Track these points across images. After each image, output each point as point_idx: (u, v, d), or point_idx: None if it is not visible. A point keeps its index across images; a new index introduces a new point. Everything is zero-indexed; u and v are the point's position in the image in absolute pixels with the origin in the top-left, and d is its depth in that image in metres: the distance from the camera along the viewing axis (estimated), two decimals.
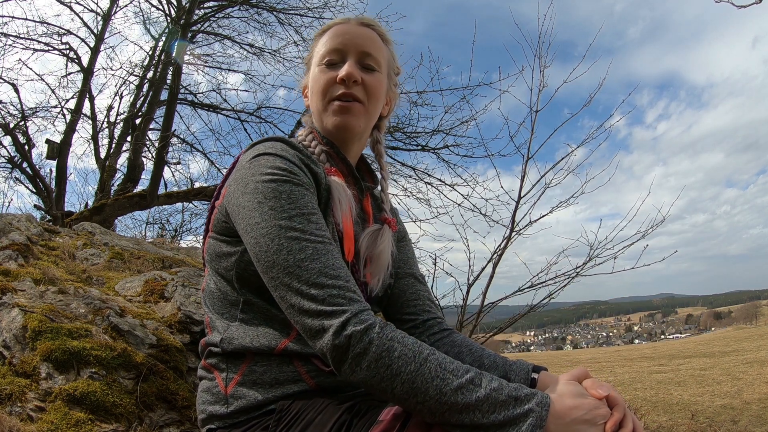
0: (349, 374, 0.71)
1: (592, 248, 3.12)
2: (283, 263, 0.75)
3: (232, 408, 0.84)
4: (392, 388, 0.69)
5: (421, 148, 5.11)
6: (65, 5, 5.98)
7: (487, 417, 0.66)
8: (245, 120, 6.37)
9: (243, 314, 0.89)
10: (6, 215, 2.77)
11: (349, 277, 0.77)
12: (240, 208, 0.82)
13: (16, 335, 1.32)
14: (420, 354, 0.70)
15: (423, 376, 0.68)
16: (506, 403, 0.67)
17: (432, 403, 0.67)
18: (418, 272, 1.15)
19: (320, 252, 0.77)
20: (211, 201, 0.97)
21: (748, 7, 2.03)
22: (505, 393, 0.68)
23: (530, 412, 0.66)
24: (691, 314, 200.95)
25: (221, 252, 0.90)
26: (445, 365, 0.70)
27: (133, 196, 5.56)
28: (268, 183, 0.80)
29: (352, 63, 0.96)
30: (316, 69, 0.99)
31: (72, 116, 6.03)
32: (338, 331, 0.70)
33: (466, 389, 0.68)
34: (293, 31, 6.25)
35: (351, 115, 0.96)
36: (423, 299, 1.10)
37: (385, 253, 1.01)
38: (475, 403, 0.67)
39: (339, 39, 0.98)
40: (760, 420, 5.56)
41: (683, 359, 13.53)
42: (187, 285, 1.98)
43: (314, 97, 0.99)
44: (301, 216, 0.79)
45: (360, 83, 0.96)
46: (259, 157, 0.85)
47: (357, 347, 0.69)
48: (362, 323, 0.71)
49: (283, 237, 0.76)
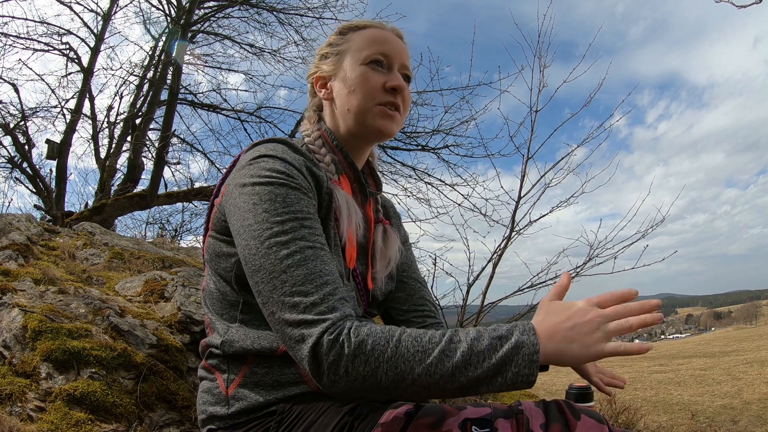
0: (330, 386, 0.69)
1: (592, 248, 3.12)
2: (269, 268, 0.73)
3: (233, 409, 0.84)
4: (378, 382, 0.67)
5: (421, 148, 5.11)
6: (65, 5, 5.99)
7: (480, 367, 0.65)
8: (245, 120, 6.37)
9: (243, 315, 0.89)
10: (6, 215, 2.77)
11: (338, 283, 0.75)
12: (235, 209, 0.81)
13: (16, 335, 1.32)
14: (392, 337, 0.68)
15: (403, 357, 0.66)
16: (492, 347, 0.66)
17: (423, 379, 0.66)
18: (421, 277, 1.16)
19: (309, 258, 0.74)
20: (210, 200, 0.97)
21: (748, 6, 2.02)
22: (486, 336, 0.67)
23: (520, 344, 0.65)
24: (691, 314, 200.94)
25: (221, 252, 0.90)
26: (420, 337, 0.68)
27: (133, 196, 5.56)
28: (265, 185, 0.79)
29: (398, 74, 0.96)
30: (359, 67, 0.95)
31: (72, 116, 6.04)
32: (316, 342, 0.68)
33: (449, 350, 0.66)
34: (293, 31, 6.25)
35: (395, 123, 0.96)
36: (429, 304, 1.11)
37: (395, 253, 1.02)
38: (462, 360, 0.65)
39: (387, 46, 0.96)
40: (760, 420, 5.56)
41: (683, 359, 13.53)
42: (187, 285, 1.98)
43: (355, 96, 0.94)
44: (295, 220, 0.77)
45: (402, 95, 0.97)
46: (259, 158, 0.84)
47: (330, 355, 0.67)
48: (335, 329, 0.69)
49: (273, 242, 0.75)
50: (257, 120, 6.30)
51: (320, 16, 6.02)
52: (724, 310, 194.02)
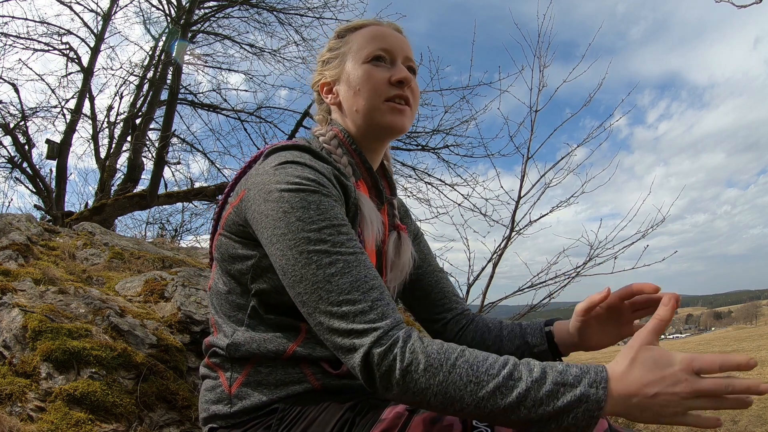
0: (383, 393, 0.68)
1: (592, 248, 3.12)
2: (311, 278, 0.71)
3: (236, 408, 0.84)
4: (426, 401, 0.66)
5: (421, 148, 5.11)
6: (65, 5, 5.99)
7: (534, 411, 0.61)
8: (245, 120, 6.37)
9: (250, 319, 0.87)
10: (6, 215, 2.77)
11: (383, 288, 0.74)
12: (263, 217, 0.77)
13: (16, 335, 1.32)
14: (447, 361, 0.65)
15: (454, 384, 0.64)
16: (553, 393, 0.61)
17: (471, 409, 0.64)
18: (438, 266, 1.14)
19: (351, 265, 0.72)
20: (222, 196, 0.94)
21: (748, 6, 2.02)
22: (550, 380, 0.62)
23: (584, 398, 0.60)
24: (691, 314, 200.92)
25: (236, 254, 0.87)
26: (477, 365, 0.65)
27: (133, 196, 5.56)
28: (296, 192, 0.76)
29: (402, 67, 0.94)
30: (361, 66, 0.94)
31: (72, 116, 6.04)
32: (368, 351, 0.67)
33: (505, 387, 0.62)
34: (293, 31, 6.26)
35: (405, 117, 0.94)
36: (449, 296, 1.10)
37: (409, 261, 1.01)
38: (517, 401, 0.62)
39: (387, 40, 0.95)
40: (760, 420, 5.56)
41: None
42: (187, 285, 1.98)
43: (362, 95, 0.93)
44: (332, 227, 0.74)
45: (410, 87, 0.95)
46: (285, 164, 0.80)
47: (382, 367, 0.66)
48: (388, 340, 0.68)
49: (312, 250, 0.72)
50: (257, 120, 6.31)
51: (320, 16, 6.03)
52: (724, 310, 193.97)
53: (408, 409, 0.73)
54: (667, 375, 0.60)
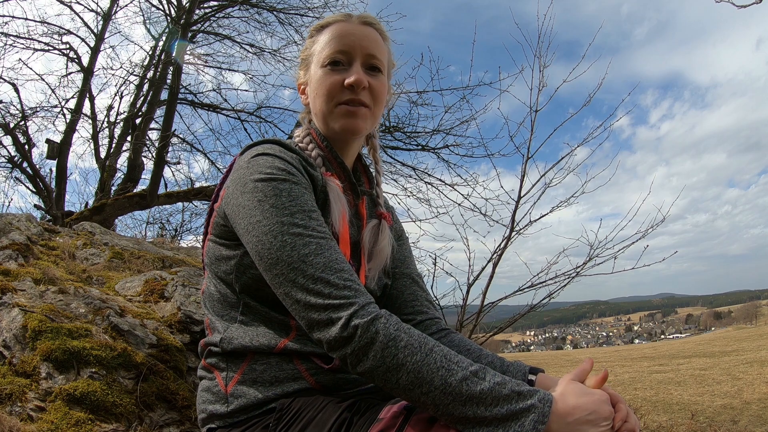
0: (355, 365, 0.71)
1: (592, 248, 3.12)
2: (287, 259, 0.75)
3: (233, 407, 0.84)
4: (397, 378, 0.69)
5: (422, 148, 5.11)
6: (65, 5, 6.00)
7: (490, 410, 0.66)
8: (245, 120, 6.38)
9: (243, 316, 0.90)
10: (6, 215, 2.77)
11: (352, 271, 0.78)
12: (240, 208, 0.82)
13: (16, 335, 1.32)
14: (425, 345, 0.70)
15: (428, 366, 0.68)
16: (509, 398, 0.67)
17: (437, 393, 0.67)
18: (416, 272, 1.14)
19: (323, 247, 0.77)
20: (210, 203, 0.98)
21: (748, 6, 2.02)
22: (508, 387, 0.68)
23: (533, 408, 0.66)
24: (691, 314, 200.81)
25: (221, 255, 0.90)
26: (450, 357, 0.70)
27: (133, 196, 5.56)
28: (268, 182, 0.81)
29: (359, 67, 0.94)
30: (319, 70, 0.96)
31: (72, 116, 6.04)
32: (346, 323, 0.71)
33: (471, 381, 0.68)
34: (293, 30, 6.27)
35: (359, 119, 0.95)
36: (421, 300, 1.09)
37: (386, 248, 1.02)
38: (479, 396, 0.67)
39: (344, 40, 0.95)
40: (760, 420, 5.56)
41: (683, 359, 13.53)
42: (187, 285, 1.98)
43: (318, 100, 0.96)
44: (303, 213, 0.79)
45: (367, 88, 0.94)
46: (257, 157, 0.85)
47: (364, 338, 0.70)
48: (369, 314, 0.71)
49: (286, 233, 0.76)
50: (257, 120, 6.31)
51: (320, 16, 6.02)
52: (724, 309, 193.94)
53: (406, 407, 0.73)
54: (596, 400, 0.70)
